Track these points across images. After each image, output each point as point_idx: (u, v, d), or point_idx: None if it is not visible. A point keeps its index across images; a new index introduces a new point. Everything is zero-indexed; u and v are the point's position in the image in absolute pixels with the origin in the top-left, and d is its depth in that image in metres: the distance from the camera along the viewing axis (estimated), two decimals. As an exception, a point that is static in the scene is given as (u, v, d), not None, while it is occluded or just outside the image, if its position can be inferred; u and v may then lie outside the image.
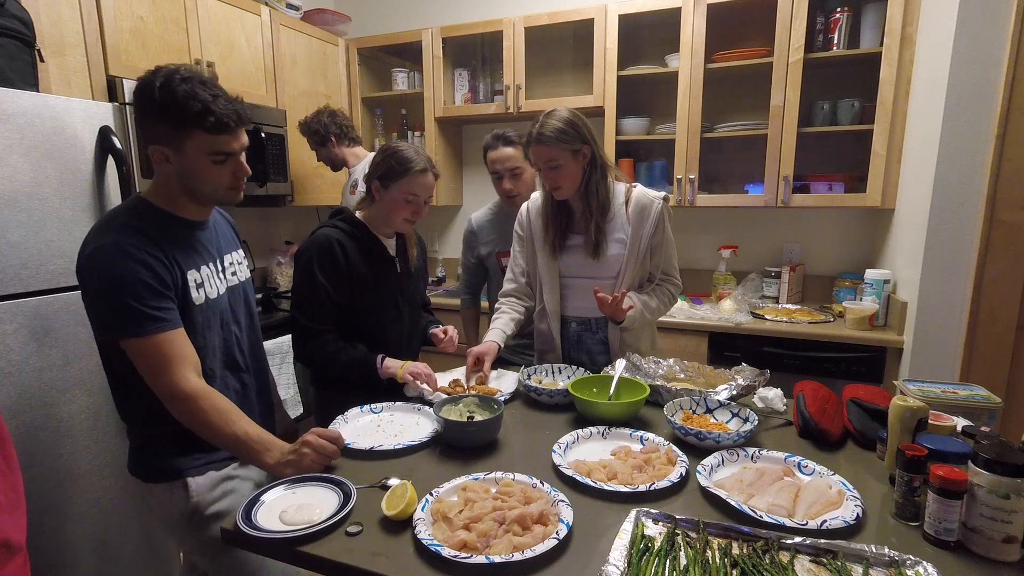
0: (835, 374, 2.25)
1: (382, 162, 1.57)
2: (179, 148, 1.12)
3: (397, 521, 0.94)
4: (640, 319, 1.65)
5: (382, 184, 1.56)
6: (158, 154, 1.13)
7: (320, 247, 1.54)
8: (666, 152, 2.71)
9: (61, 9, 1.83)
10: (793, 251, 2.79)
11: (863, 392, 1.35)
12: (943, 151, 1.95)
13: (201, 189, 1.18)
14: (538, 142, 1.58)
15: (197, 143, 1.12)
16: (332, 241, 1.55)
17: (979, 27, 1.85)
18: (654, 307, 1.68)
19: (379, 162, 1.58)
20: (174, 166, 1.14)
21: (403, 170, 1.53)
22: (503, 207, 2.14)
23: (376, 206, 1.60)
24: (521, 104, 2.89)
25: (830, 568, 0.81)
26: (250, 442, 1.12)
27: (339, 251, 1.55)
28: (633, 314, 1.59)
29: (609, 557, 0.82)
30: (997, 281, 1.92)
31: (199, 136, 1.11)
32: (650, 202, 1.64)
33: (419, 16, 3.31)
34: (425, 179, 1.56)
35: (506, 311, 1.80)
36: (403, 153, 1.55)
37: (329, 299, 1.53)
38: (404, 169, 1.53)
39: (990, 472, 0.84)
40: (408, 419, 1.40)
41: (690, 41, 2.51)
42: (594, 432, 1.29)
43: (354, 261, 1.56)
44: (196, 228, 1.24)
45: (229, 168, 1.18)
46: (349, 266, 1.55)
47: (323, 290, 1.52)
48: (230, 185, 1.20)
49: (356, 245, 1.58)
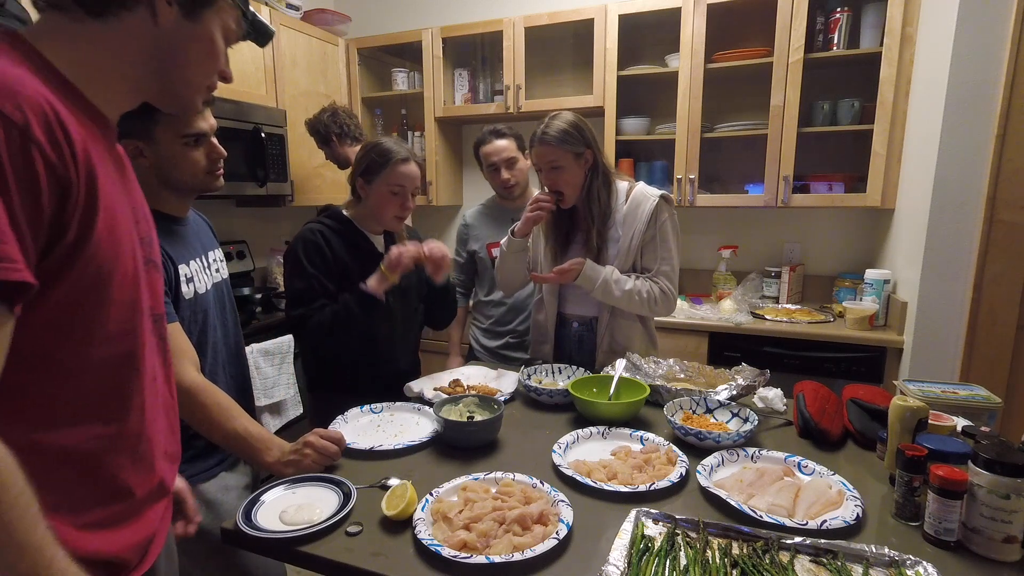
0: (835, 374, 2.24)
1: (363, 158, 1.57)
2: (150, 137, 1.12)
3: (397, 521, 0.94)
4: (603, 287, 1.58)
5: (366, 180, 1.56)
6: (132, 148, 1.12)
7: (305, 240, 1.54)
8: (666, 152, 2.71)
9: (61, 9, 1.83)
10: (793, 251, 2.79)
11: (863, 392, 1.35)
12: (943, 151, 1.95)
13: (180, 177, 1.18)
14: (541, 143, 1.59)
15: (165, 127, 1.12)
16: (316, 234, 1.55)
17: (979, 27, 1.85)
18: (627, 288, 1.59)
19: (360, 158, 1.57)
20: (149, 159, 1.14)
21: (384, 161, 1.53)
22: (496, 202, 2.19)
23: (364, 204, 1.59)
24: (521, 104, 2.89)
25: (830, 568, 0.81)
26: (251, 439, 1.11)
27: (324, 243, 1.54)
28: (589, 272, 1.58)
29: (609, 557, 0.82)
30: (997, 281, 1.92)
31: (166, 119, 1.11)
32: (645, 199, 1.64)
33: (419, 16, 3.31)
34: (408, 168, 1.55)
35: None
36: (383, 145, 1.55)
37: (324, 289, 1.51)
38: (385, 160, 1.53)
39: (990, 472, 0.84)
40: (408, 419, 1.40)
41: (690, 41, 2.51)
42: (594, 432, 1.29)
43: (340, 254, 1.55)
44: (178, 224, 1.24)
45: (203, 151, 1.18)
46: (336, 258, 1.54)
47: (315, 280, 1.51)
48: (208, 169, 1.20)
49: (342, 240, 1.57)
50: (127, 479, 0.74)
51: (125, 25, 0.68)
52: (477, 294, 2.28)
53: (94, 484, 0.71)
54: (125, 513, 0.75)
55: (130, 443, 0.74)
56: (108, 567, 0.68)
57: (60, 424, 0.67)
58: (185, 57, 0.73)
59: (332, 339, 1.50)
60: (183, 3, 0.70)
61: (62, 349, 0.65)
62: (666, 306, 1.65)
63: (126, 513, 0.75)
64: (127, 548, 0.75)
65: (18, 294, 0.57)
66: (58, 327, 0.64)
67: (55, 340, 0.64)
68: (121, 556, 0.74)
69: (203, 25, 0.73)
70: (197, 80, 0.77)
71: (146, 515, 0.79)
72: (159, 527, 0.83)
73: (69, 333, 0.65)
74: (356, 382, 1.61)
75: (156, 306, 0.80)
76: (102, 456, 0.71)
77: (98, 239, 0.64)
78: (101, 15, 0.66)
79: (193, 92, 0.77)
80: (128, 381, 0.73)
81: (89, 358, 0.68)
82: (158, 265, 0.83)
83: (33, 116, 0.56)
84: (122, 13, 0.67)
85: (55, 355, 0.65)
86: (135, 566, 0.77)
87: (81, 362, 0.67)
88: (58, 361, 0.65)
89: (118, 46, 0.68)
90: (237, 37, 0.80)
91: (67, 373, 0.66)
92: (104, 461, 0.71)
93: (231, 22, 0.77)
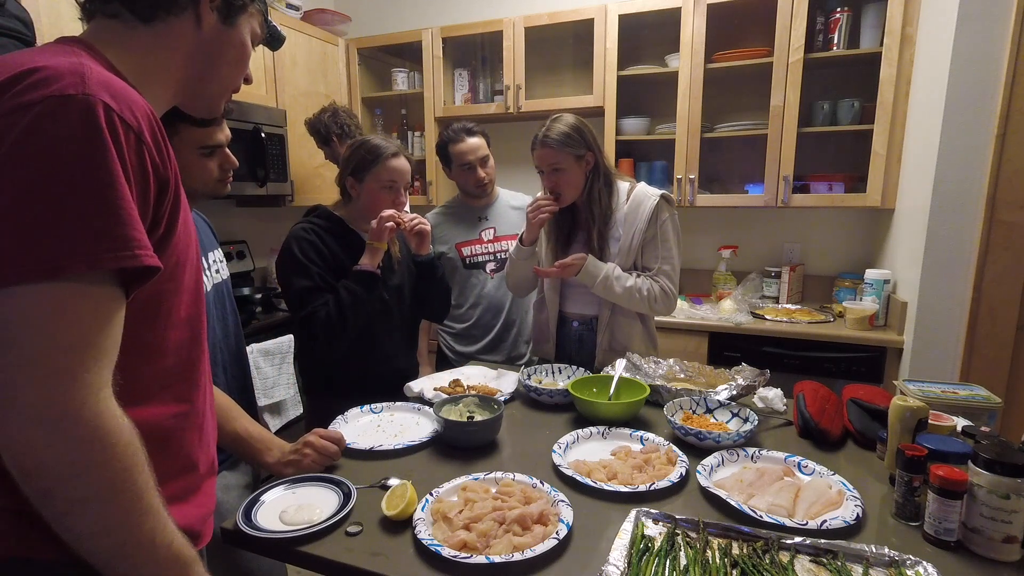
0: (835, 374, 2.24)
1: (351, 156, 1.55)
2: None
3: (397, 521, 0.94)
4: (604, 283, 1.60)
5: (356, 178, 1.55)
6: None
7: (299, 239, 1.52)
8: (666, 152, 2.71)
9: (61, 9, 1.83)
10: (793, 251, 2.79)
11: (863, 392, 1.35)
12: (943, 151, 1.95)
13: (191, 184, 1.17)
14: (543, 145, 1.61)
15: (185, 138, 1.12)
16: (309, 232, 1.53)
17: (979, 27, 1.85)
18: (628, 285, 1.60)
19: (348, 157, 1.56)
20: None
21: (375, 158, 1.52)
22: (462, 201, 2.15)
23: (355, 203, 1.58)
24: (521, 104, 2.89)
25: (830, 568, 0.81)
26: (251, 440, 1.11)
27: (318, 240, 1.52)
28: (591, 268, 1.59)
29: (609, 557, 0.82)
30: (997, 281, 1.92)
31: (187, 130, 1.12)
32: (646, 198, 1.65)
33: (419, 16, 3.31)
34: (399, 162, 1.54)
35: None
36: (371, 142, 1.55)
37: (327, 283, 1.49)
38: (376, 157, 1.52)
39: (990, 472, 0.84)
40: (408, 419, 1.40)
41: (690, 41, 2.51)
42: (594, 432, 1.29)
43: (333, 249, 1.53)
44: None
45: (216, 160, 1.19)
46: (332, 255, 1.53)
47: (318, 276, 1.48)
48: (219, 178, 1.21)
49: (334, 239, 1.55)
50: (194, 454, 0.80)
51: (172, 30, 0.73)
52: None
53: (171, 459, 0.75)
54: (191, 487, 0.80)
55: (198, 420, 0.81)
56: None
57: (145, 401, 0.71)
58: (222, 60, 0.78)
59: (345, 329, 1.47)
60: (222, 9, 0.75)
61: (149, 332, 0.71)
62: (666, 305, 1.65)
63: (192, 487, 0.80)
64: (196, 520, 0.80)
65: (143, 278, 0.63)
66: (146, 312, 0.69)
67: (145, 323, 0.69)
68: (192, 528, 0.78)
69: (237, 30, 0.78)
70: (229, 82, 0.81)
71: (205, 489, 0.84)
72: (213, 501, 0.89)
73: (155, 317, 0.71)
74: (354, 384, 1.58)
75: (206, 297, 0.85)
76: (177, 432, 0.77)
77: (179, 232, 0.71)
78: (151, 21, 0.71)
79: (223, 94, 0.82)
80: (197, 362, 0.80)
81: (168, 340, 0.74)
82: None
83: (144, 121, 0.62)
84: (170, 19, 0.72)
85: (144, 337, 0.70)
86: (201, 538, 0.82)
87: (162, 344, 0.73)
88: (146, 343, 0.71)
89: (164, 50, 0.73)
90: (259, 41, 0.84)
91: (151, 354, 0.72)
92: (177, 437, 0.77)
93: (257, 27, 0.81)
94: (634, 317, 1.71)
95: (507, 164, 2.96)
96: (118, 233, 0.58)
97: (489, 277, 2.08)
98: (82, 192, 0.56)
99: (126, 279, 0.61)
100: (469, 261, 2.09)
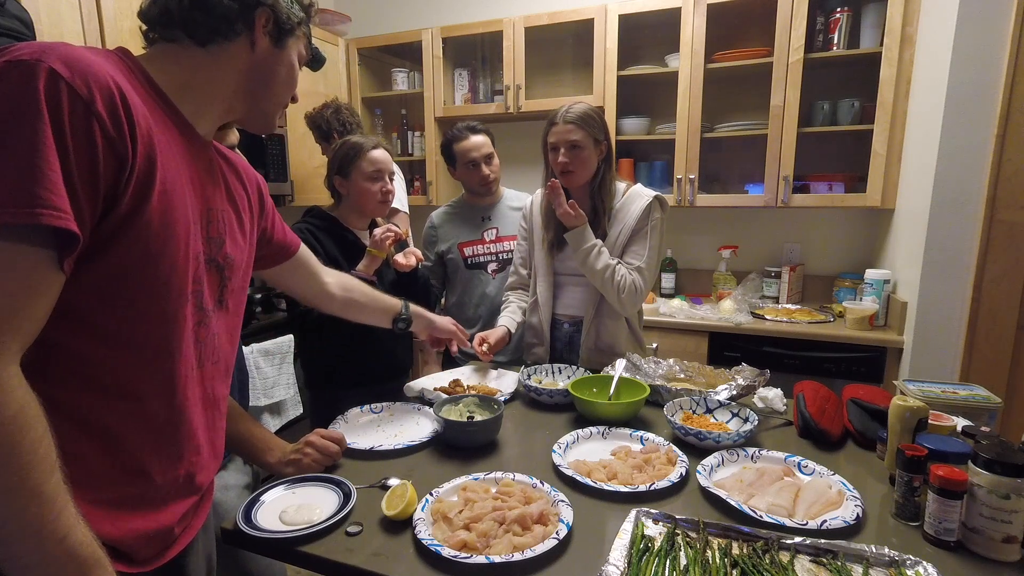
0: (835, 374, 2.25)
1: (335, 157, 1.64)
2: None
3: (397, 521, 0.94)
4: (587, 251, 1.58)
5: (343, 176, 1.62)
6: None
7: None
8: (666, 152, 2.71)
9: (61, 9, 1.83)
10: (793, 251, 2.79)
11: (863, 392, 1.35)
12: (943, 151, 1.95)
13: None
14: (565, 121, 1.61)
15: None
16: (306, 232, 1.61)
17: (979, 27, 1.85)
18: (606, 263, 1.59)
19: (332, 159, 1.65)
20: None
21: (355, 153, 1.61)
22: (466, 200, 2.16)
23: (346, 200, 1.66)
24: (521, 104, 2.89)
25: (830, 568, 0.81)
26: (253, 440, 1.12)
27: (315, 240, 1.59)
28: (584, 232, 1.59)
29: (609, 557, 0.82)
30: (997, 281, 1.92)
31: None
32: (640, 197, 1.67)
33: (419, 16, 3.30)
34: (379, 153, 1.63)
35: (514, 300, 1.86)
36: (350, 140, 1.64)
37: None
38: (357, 151, 1.61)
39: (990, 472, 0.84)
40: (408, 419, 1.40)
41: (690, 41, 2.51)
42: (594, 432, 1.29)
43: (330, 249, 1.61)
44: None
45: None
46: (328, 254, 1.59)
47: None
48: None
49: (330, 237, 1.63)
50: (146, 462, 0.74)
51: (226, 53, 0.78)
52: (448, 298, 2.19)
53: (110, 460, 0.71)
54: (140, 499, 0.75)
55: (154, 425, 0.75)
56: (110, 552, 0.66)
57: (82, 388, 0.68)
58: (274, 79, 0.84)
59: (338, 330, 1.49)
60: (273, 33, 0.81)
61: (101, 316, 0.68)
62: (632, 300, 1.63)
63: (141, 499, 0.75)
64: (135, 536, 0.74)
65: (66, 246, 0.60)
66: (101, 295, 0.67)
67: (97, 306, 0.67)
68: (126, 543, 0.73)
69: (287, 51, 0.84)
70: (281, 99, 0.87)
71: (167, 508, 0.78)
72: (184, 526, 0.83)
73: (111, 303, 0.68)
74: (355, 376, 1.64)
75: (204, 303, 0.80)
76: (121, 432, 0.72)
77: (149, 219, 0.68)
78: (206, 44, 0.77)
79: (276, 110, 0.88)
80: (161, 365, 0.75)
81: (126, 333, 0.70)
82: (221, 268, 0.84)
83: (99, 94, 0.62)
84: (225, 43, 0.77)
85: (94, 320, 0.67)
86: (141, 559, 0.76)
87: (117, 334, 0.69)
88: (94, 326, 0.68)
89: (217, 70, 0.79)
90: (304, 62, 0.90)
91: (101, 341, 0.69)
92: (123, 438, 0.72)
93: (303, 49, 0.87)
94: (619, 317, 1.70)
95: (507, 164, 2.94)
96: (31, 191, 0.56)
97: (491, 278, 2.08)
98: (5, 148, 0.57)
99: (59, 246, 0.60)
100: (471, 261, 2.09)
